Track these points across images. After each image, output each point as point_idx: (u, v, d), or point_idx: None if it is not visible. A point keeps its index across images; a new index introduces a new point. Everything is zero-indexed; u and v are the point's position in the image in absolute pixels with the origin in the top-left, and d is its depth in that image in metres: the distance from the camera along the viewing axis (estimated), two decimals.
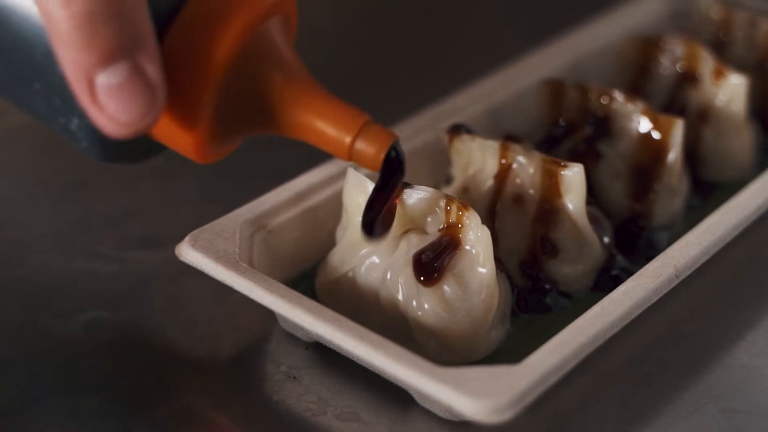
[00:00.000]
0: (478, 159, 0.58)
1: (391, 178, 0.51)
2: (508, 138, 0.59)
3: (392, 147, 0.49)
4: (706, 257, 0.55)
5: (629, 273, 0.54)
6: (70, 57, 0.43)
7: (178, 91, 0.46)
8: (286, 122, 0.48)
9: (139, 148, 0.49)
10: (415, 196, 0.53)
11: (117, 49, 0.43)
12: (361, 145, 0.48)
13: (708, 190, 0.65)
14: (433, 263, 0.51)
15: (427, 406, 0.50)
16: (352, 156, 0.49)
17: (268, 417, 0.51)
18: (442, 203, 0.52)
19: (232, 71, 0.46)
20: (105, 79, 0.43)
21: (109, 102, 0.43)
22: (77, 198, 0.65)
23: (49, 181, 0.67)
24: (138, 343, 0.55)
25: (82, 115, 0.46)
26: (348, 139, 0.48)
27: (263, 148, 0.70)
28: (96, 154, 0.48)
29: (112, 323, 0.56)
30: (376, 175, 0.57)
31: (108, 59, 0.43)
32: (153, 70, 0.44)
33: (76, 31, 0.42)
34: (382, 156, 0.49)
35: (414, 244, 0.52)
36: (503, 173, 0.57)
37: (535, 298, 0.56)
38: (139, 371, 0.53)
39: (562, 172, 0.55)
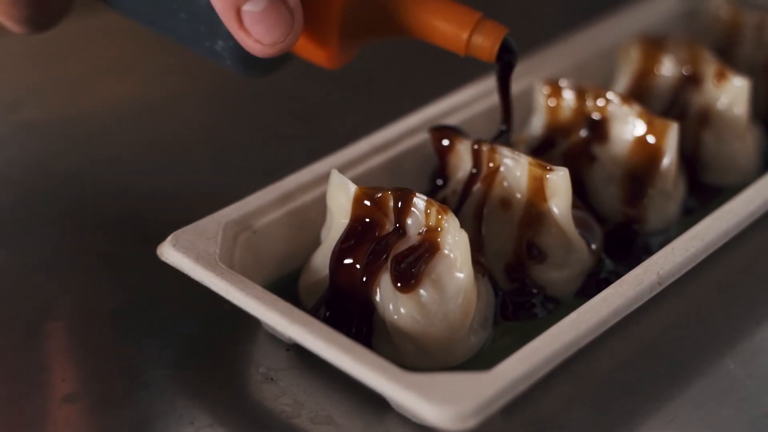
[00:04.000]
0: (467, 162, 0.57)
1: (507, 66, 0.57)
2: (496, 139, 0.58)
3: (504, 39, 0.54)
4: (692, 264, 0.54)
5: (619, 278, 0.54)
6: None
7: (313, 9, 0.52)
8: (408, 25, 0.54)
9: (273, 61, 0.55)
10: (398, 199, 0.53)
11: None
12: (478, 39, 0.54)
13: (710, 194, 0.64)
14: (410, 269, 0.51)
15: (402, 411, 0.50)
16: (468, 50, 0.54)
17: (242, 419, 0.51)
18: (422, 206, 0.52)
19: None
20: (250, 7, 0.49)
21: (254, 27, 0.50)
22: (74, 194, 0.66)
23: (49, 176, 0.68)
24: (122, 339, 0.55)
25: (226, 38, 0.52)
26: (465, 35, 0.54)
27: (266, 144, 0.71)
28: (238, 69, 0.54)
29: (97, 319, 0.56)
30: (360, 177, 0.58)
31: None
32: None
33: None
34: (496, 48, 0.54)
35: (393, 246, 0.52)
36: (491, 176, 0.56)
37: (520, 303, 0.56)
38: (120, 367, 0.53)
39: (547, 176, 0.55)
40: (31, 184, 0.67)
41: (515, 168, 0.56)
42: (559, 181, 0.55)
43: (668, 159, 0.60)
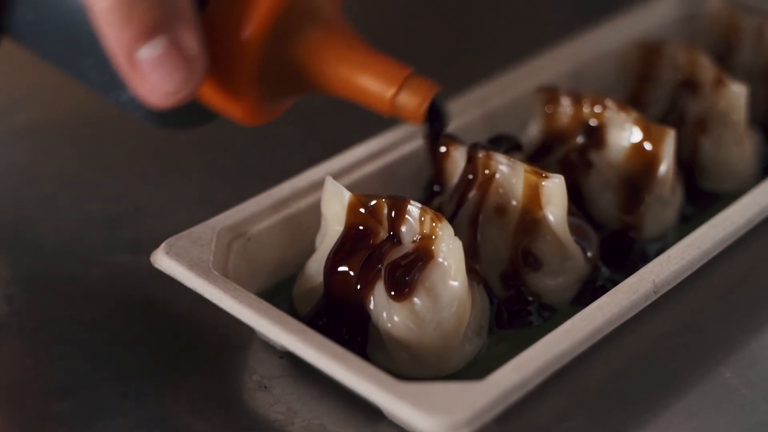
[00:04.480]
0: (462, 168, 0.57)
1: (434, 129, 0.53)
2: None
3: (433, 100, 0.49)
4: (688, 272, 0.54)
5: (615, 285, 0.53)
6: (111, 34, 0.45)
7: (223, 57, 0.47)
8: (328, 80, 0.49)
9: (191, 114, 0.51)
10: (392, 207, 0.52)
11: (155, 24, 0.44)
12: (403, 100, 0.49)
13: (708, 201, 0.64)
14: (404, 277, 0.51)
15: (395, 420, 0.50)
16: (394, 110, 0.49)
17: (235, 426, 0.51)
18: (416, 214, 0.52)
19: (273, 35, 0.47)
20: (145, 53, 0.45)
21: (149, 74, 0.45)
22: (71, 199, 0.65)
23: (44, 179, 0.67)
24: (116, 346, 0.55)
25: None
26: (389, 94, 0.49)
27: (263, 149, 0.71)
28: (150, 122, 0.50)
29: (90, 326, 0.56)
30: (355, 184, 0.57)
31: (146, 34, 0.44)
32: (191, 41, 0.45)
33: (114, 9, 0.44)
34: (423, 108, 0.49)
35: (388, 254, 0.52)
36: (486, 183, 0.56)
37: (516, 311, 0.55)
38: (114, 374, 0.53)
39: (542, 183, 0.54)
40: (26, 187, 0.67)
41: (511, 175, 0.55)
42: (554, 188, 0.54)
43: (665, 166, 0.59)
